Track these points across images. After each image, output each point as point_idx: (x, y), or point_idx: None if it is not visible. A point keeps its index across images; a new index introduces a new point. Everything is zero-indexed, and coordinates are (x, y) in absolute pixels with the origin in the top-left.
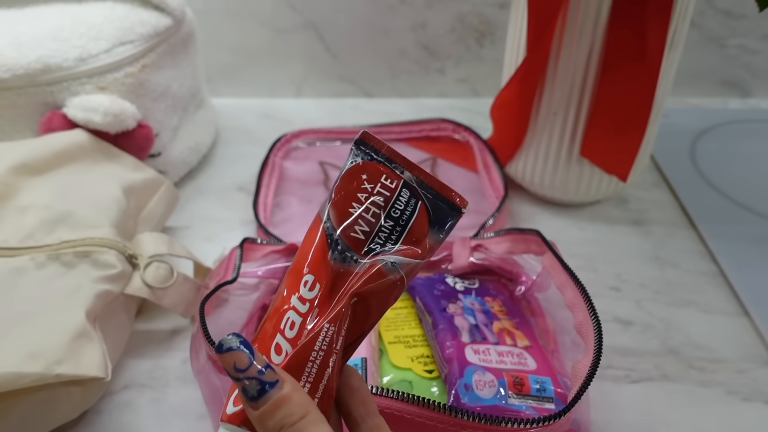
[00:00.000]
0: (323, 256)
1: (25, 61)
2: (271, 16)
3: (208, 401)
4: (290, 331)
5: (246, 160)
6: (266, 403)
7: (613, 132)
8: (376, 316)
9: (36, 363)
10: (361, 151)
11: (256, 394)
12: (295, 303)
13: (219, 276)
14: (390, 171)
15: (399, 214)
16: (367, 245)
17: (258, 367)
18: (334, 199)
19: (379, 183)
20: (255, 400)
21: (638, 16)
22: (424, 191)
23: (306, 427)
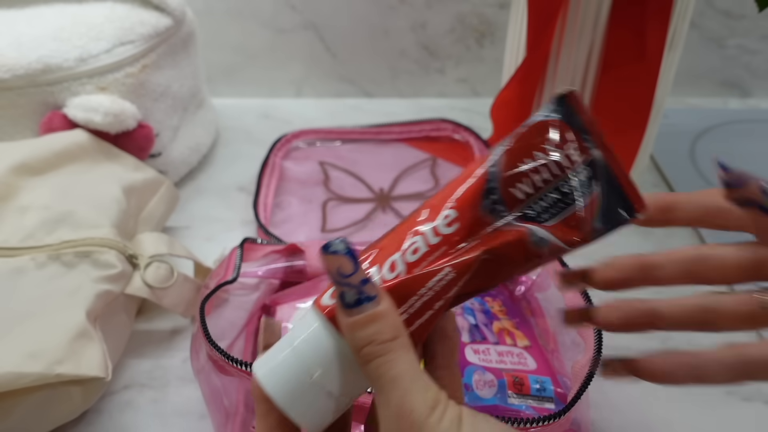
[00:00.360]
0: (474, 199)
1: (26, 61)
2: (271, 17)
3: (208, 401)
4: (411, 256)
5: (246, 160)
6: (360, 314)
7: (612, 132)
8: (498, 280)
9: (36, 363)
10: (561, 109)
11: (352, 302)
12: (427, 231)
13: (219, 276)
14: (581, 142)
15: (569, 191)
16: (523, 207)
17: (360, 277)
18: (511, 146)
19: (563, 149)
20: (350, 308)
21: (638, 16)
22: (606, 179)
23: (393, 350)
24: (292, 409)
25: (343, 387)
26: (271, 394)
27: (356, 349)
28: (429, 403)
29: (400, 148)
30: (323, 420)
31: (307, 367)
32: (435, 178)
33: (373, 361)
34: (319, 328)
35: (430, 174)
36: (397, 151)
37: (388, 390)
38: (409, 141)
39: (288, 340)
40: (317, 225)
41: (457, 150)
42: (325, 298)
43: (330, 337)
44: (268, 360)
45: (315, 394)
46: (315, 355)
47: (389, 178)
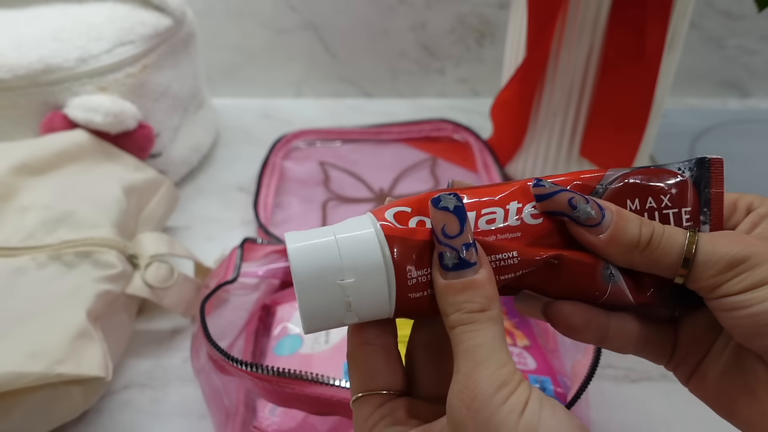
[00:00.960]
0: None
1: (26, 61)
2: (271, 17)
3: (208, 401)
4: (485, 224)
5: (246, 160)
6: (457, 278)
7: (612, 132)
8: (553, 290)
9: (37, 362)
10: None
11: (450, 264)
12: (512, 209)
13: (219, 276)
14: (697, 212)
15: None
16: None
17: (464, 240)
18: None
19: (677, 209)
20: (447, 270)
21: (638, 17)
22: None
23: (482, 321)
24: (305, 296)
25: (361, 305)
26: (293, 269)
27: (444, 313)
28: (497, 381)
29: (400, 148)
30: (323, 323)
31: (341, 268)
32: (435, 178)
33: (457, 327)
34: (371, 235)
35: (430, 174)
36: (397, 151)
37: (462, 358)
38: (409, 141)
39: (332, 230)
40: (317, 225)
41: (457, 150)
42: (388, 213)
43: (377, 254)
44: (306, 237)
45: (334, 296)
46: (354, 260)
47: (389, 178)
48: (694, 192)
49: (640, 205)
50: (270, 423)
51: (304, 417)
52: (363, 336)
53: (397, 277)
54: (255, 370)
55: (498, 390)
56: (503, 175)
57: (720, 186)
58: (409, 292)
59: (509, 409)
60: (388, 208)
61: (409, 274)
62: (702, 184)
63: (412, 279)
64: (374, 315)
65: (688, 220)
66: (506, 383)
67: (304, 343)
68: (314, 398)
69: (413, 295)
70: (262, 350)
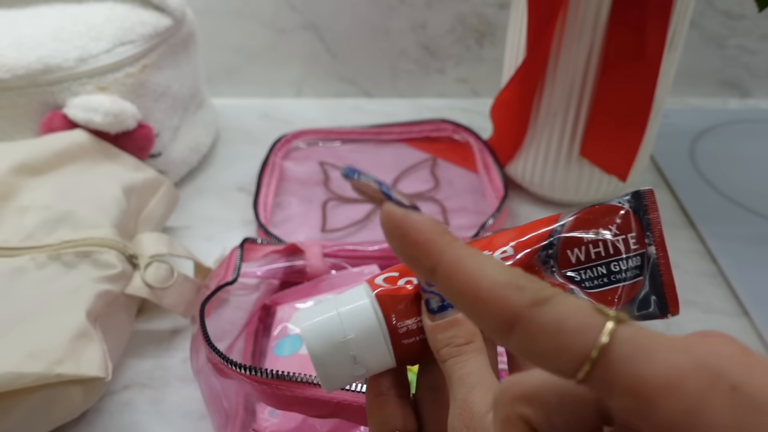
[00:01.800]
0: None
1: (26, 61)
2: (271, 17)
3: (208, 402)
4: None
5: (246, 160)
6: (442, 318)
7: (612, 132)
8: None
9: (36, 363)
10: (635, 202)
11: (436, 308)
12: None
13: (219, 276)
14: (641, 236)
15: (617, 270)
16: (571, 269)
17: None
18: (580, 215)
19: (624, 236)
20: (434, 313)
21: (638, 16)
22: (652, 274)
23: (466, 352)
24: (318, 359)
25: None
26: (306, 342)
27: (435, 349)
28: (489, 402)
29: (400, 149)
30: (338, 379)
31: (343, 330)
32: (435, 178)
33: (448, 360)
34: (366, 304)
35: (430, 174)
36: (397, 151)
37: (457, 386)
38: (409, 141)
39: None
40: (317, 225)
41: (457, 150)
42: (378, 279)
43: (371, 314)
44: (313, 314)
45: (341, 354)
46: (353, 323)
47: (389, 178)
48: (636, 220)
49: (594, 235)
50: (269, 425)
51: (304, 419)
52: (377, 388)
53: (389, 328)
54: (253, 374)
55: (490, 410)
56: (503, 175)
57: (655, 211)
58: (402, 339)
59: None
60: (379, 275)
61: (399, 324)
62: (641, 212)
63: (402, 327)
64: (380, 365)
65: (634, 243)
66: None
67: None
68: (313, 400)
69: (406, 342)
70: (262, 351)
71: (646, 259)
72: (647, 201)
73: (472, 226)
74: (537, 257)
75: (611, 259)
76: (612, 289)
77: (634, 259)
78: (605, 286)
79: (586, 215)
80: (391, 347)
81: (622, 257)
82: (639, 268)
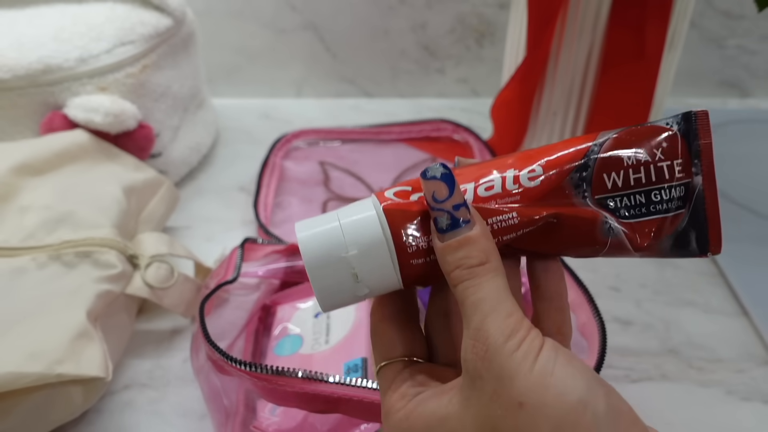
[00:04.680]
0: (565, 167)
1: (26, 61)
2: (271, 17)
3: (208, 401)
4: (483, 191)
5: (246, 160)
6: (453, 238)
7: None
8: (555, 248)
9: (37, 363)
10: (686, 124)
11: (445, 226)
12: (509, 176)
13: (219, 276)
14: (688, 163)
15: (658, 200)
16: (606, 195)
17: (454, 202)
18: (622, 134)
19: (669, 162)
20: (443, 232)
21: (638, 17)
22: (697, 207)
23: (480, 274)
24: (315, 274)
25: (368, 276)
26: (303, 255)
27: (446, 272)
28: (506, 329)
29: (400, 148)
30: (337, 299)
31: (345, 243)
32: None
33: (460, 284)
34: (372, 216)
35: None
36: (397, 151)
37: (470, 313)
38: (409, 141)
39: (336, 215)
40: None
41: (457, 150)
42: (388, 192)
43: (379, 231)
44: (312, 225)
45: (341, 270)
46: (356, 236)
47: (389, 178)
48: (684, 144)
49: (636, 160)
50: (270, 423)
51: (304, 417)
52: (381, 313)
53: (397, 245)
54: (253, 370)
55: (508, 339)
56: None
57: (708, 137)
58: (410, 259)
59: (522, 355)
60: (390, 188)
61: (408, 241)
62: (690, 137)
63: (411, 246)
64: (385, 285)
65: (680, 171)
66: (515, 331)
67: (304, 343)
68: (313, 396)
69: (415, 262)
70: (262, 350)
71: (690, 190)
72: (699, 125)
73: None
74: (569, 179)
75: (652, 187)
76: (650, 220)
77: (678, 189)
78: (642, 217)
79: (629, 135)
80: (398, 266)
81: (664, 186)
82: (682, 199)
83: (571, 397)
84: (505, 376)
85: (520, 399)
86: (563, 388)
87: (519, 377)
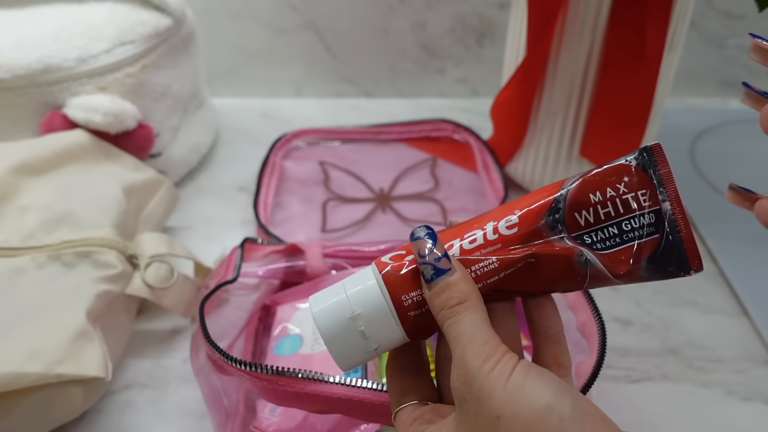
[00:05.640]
0: (538, 213)
1: (26, 61)
2: (271, 17)
3: (208, 401)
4: (468, 244)
5: (246, 160)
6: (436, 285)
7: (612, 132)
8: (537, 287)
9: (37, 363)
10: (643, 158)
11: (429, 277)
12: (489, 228)
13: (219, 275)
14: (654, 193)
15: (629, 229)
16: (581, 232)
17: (436, 255)
18: (588, 176)
19: (634, 193)
20: (429, 282)
21: (638, 17)
22: (669, 230)
23: (459, 312)
24: (330, 340)
25: (376, 334)
26: (318, 326)
27: (435, 315)
28: (483, 355)
29: (400, 148)
30: (353, 358)
31: (351, 309)
32: (435, 178)
33: (445, 322)
34: (372, 284)
35: (430, 174)
36: (397, 151)
37: (454, 346)
38: (409, 141)
39: (343, 287)
40: (317, 225)
41: (457, 150)
42: (385, 258)
43: (378, 291)
44: (323, 298)
45: (351, 332)
46: (361, 302)
47: (389, 178)
48: (644, 176)
49: (602, 196)
50: (270, 423)
51: (304, 417)
52: (396, 364)
53: (395, 302)
54: (253, 370)
55: (484, 362)
56: (503, 175)
57: (666, 166)
58: (408, 311)
59: (496, 375)
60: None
61: (404, 296)
62: (650, 168)
63: (407, 300)
64: (392, 339)
65: (645, 200)
66: (491, 356)
67: (304, 343)
68: (313, 396)
69: (413, 313)
70: (262, 350)
71: (661, 216)
72: (656, 156)
73: None
74: (544, 223)
75: (622, 218)
76: (626, 248)
77: (648, 216)
78: (618, 246)
79: (593, 176)
80: (398, 319)
81: (634, 215)
82: (654, 225)
83: (539, 403)
84: (484, 396)
85: (497, 413)
86: (533, 397)
87: (495, 394)
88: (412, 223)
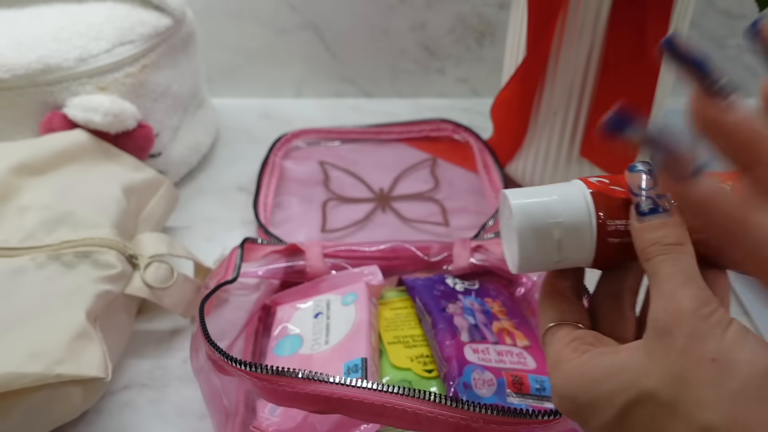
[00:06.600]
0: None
1: (26, 61)
2: (271, 17)
3: (208, 401)
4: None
5: (246, 160)
6: (652, 221)
7: None
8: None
9: (36, 363)
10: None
11: (647, 210)
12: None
13: (219, 276)
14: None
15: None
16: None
17: (659, 192)
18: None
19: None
20: (644, 215)
21: (638, 16)
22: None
23: (681, 252)
24: (524, 236)
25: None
26: (516, 218)
27: (642, 248)
28: (700, 299)
29: (400, 148)
30: (534, 263)
31: (555, 215)
32: (435, 178)
33: (656, 257)
34: (579, 195)
35: (430, 174)
36: (397, 151)
37: (665, 282)
38: (409, 141)
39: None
40: (317, 225)
41: (457, 150)
42: (592, 179)
43: (586, 208)
44: (524, 194)
45: (547, 238)
46: (566, 210)
47: (389, 178)
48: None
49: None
50: (270, 423)
51: (304, 417)
52: (555, 285)
53: (598, 222)
54: (253, 370)
55: (701, 306)
56: (503, 176)
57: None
58: (607, 237)
59: (714, 322)
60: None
61: (608, 220)
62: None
63: (610, 225)
64: (578, 258)
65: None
66: (708, 302)
67: (304, 343)
68: (313, 396)
69: (610, 240)
70: (261, 351)
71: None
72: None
73: (472, 226)
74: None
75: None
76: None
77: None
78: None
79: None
80: (595, 242)
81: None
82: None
83: (763, 363)
84: (698, 336)
85: (713, 356)
86: (755, 356)
87: (710, 339)
88: (412, 223)
